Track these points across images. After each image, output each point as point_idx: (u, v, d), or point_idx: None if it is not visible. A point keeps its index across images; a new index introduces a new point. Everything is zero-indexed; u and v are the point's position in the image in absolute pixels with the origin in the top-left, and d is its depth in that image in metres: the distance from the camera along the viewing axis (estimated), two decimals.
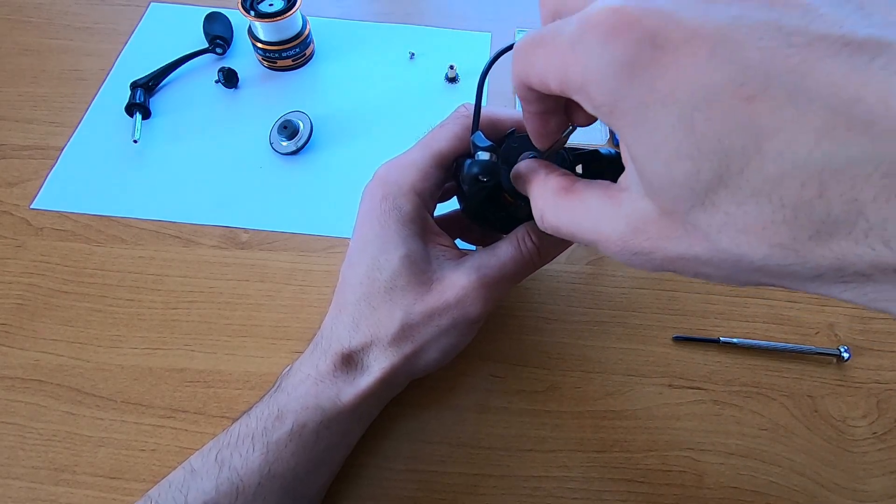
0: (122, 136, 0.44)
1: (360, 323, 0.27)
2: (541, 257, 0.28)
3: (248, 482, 0.25)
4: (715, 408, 0.34)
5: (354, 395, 0.27)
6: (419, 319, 0.27)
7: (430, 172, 0.28)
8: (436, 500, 0.31)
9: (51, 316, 0.36)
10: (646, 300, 0.38)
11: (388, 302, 0.27)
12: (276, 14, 0.44)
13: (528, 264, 0.28)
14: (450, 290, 0.27)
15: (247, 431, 0.26)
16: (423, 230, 0.28)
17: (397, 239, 0.27)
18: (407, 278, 0.27)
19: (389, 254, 0.27)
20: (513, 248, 0.28)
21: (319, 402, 0.27)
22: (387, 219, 0.27)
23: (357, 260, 0.28)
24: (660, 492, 0.32)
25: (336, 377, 0.27)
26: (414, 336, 0.27)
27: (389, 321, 0.27)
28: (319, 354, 0.28)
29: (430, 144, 0.28)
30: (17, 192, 0.41)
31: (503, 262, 0.28)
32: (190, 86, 0.47)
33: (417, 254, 0.27)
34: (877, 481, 0.32)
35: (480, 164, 0.24)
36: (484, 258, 0.28)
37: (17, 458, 0.31)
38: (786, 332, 0.37)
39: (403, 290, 0.27)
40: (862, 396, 0.35)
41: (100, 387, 0.34)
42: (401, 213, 0.27)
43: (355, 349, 0.27)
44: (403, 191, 0.27)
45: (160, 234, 0.39)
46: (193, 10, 0.51)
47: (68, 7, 0.52)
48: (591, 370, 0.35)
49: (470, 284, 0.27)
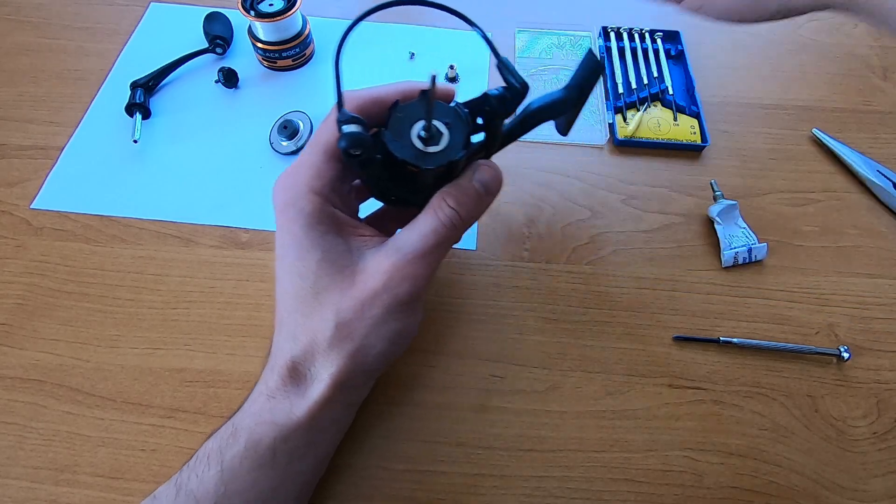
0: (122, 135, 0.44)
1: (297, 334, 0.27)
2: (462, 220, 0.27)
3: (204, 503, 0.25)
4: (715, 408, 0.34)
5: (308, 406, 0.26)
6: (351, 315, 0.26)
7: (323, 168, 0.27)
8: (436, 500, 0.31)
9: (51, 316, 0.36)
10: (646, 300, 0.38)
11: (318, 306, 0.27)
12: (276, 14, 0.44)
13: (451, 230, 0.27)
14: (374, 277, 0.26)
15: (204, 452, 0.26)
16: (336, 226, 0.28)
17: (308, 243, 0.27)
18: (329, 278, 0.26)
19: (306, 260, 0.27)
20: (431, 217, 0.27)
21: (273, 417, 0.26)
22: (293, 226, 0.27)
23: (281, 274, 0.28)
24: (660, 492, 0.32)
25: (287, 391, 0.27)
26: (352, 333, 0.26)
27: (323, 325, 0.26)
28: (269, 371, 0.27)
29: (317, 141, 0.28)
30: (17, 192, 0.41)
31: (424, 234, 0.27)
32: (190, 86, 0.47)
33: (335, 251, 0.27)
34: (877, 481, 0.32)
35: (346, 138, 0.24)
36: (404, 236, 0.27)
37: (17, 458, 0.31)
38: (786, 332, 0.37)
39: (329, 291, 0.26)
40: (862, 396, 0.35)
41: (100, 387, 0.34)
42: (304, 216, 0.27)
43: (299, 361, 0.27)
44: (302, 194, 0.27)
45: (160, 234, 0.39)
46: (193, 10, 0.51)
47: (68, 7, 0.52)
48: (591, 370, 0.35)
49: (393, 266, 0.26)
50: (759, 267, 0.40)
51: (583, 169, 0.44)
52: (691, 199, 0.43)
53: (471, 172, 0.28)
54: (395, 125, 0.26)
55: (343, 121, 0.24)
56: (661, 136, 0.45)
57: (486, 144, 0.29)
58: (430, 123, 0.26)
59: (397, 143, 0.26)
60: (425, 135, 0.26)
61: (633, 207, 0.42)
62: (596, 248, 0.40)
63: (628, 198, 0.43)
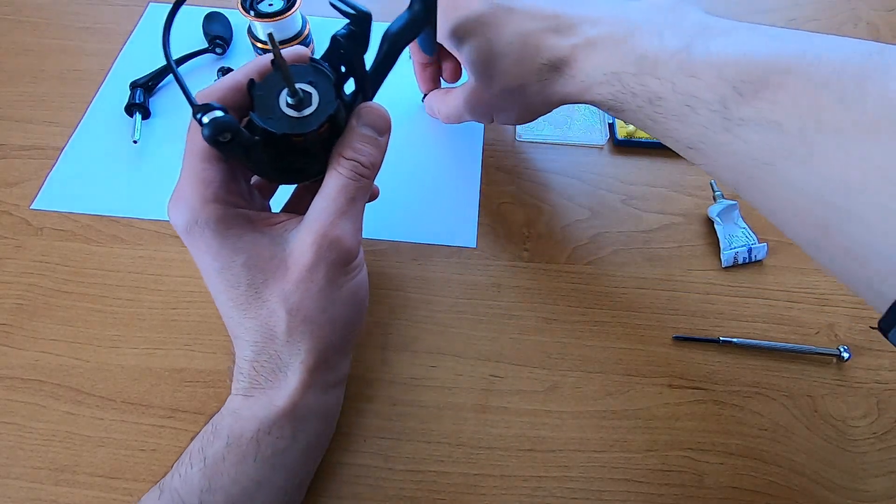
0: (122, 136, 0.44)
1: (252, 337, 0.27)
2: (365, 167, 0.28)
3: (189, 501, 0.25)
4: (715, 408, 0.34)
5: (288, 394, 0.26)
6: (298, 298, 0.26)
7: (208, 175, 0.27)
8: (436, 500, 0.31)
9: (51, 316, 0.36)
10: (646, 300, 0.38)
11: (264, 304, 0.26)
12: (275, 14, 0.44)
13: (358, 180, 0.27)
14: (304, 254, 0.26)
15: (187, 453, 0.26)
16: (248, 225, 0.27)
17: (228, 252, 0.26)
18: (263, 275, 0.26)
19: (232, 268, 0.26)
20: (333, 178, 0.27)
21: (253, 411, 0.26)
22: (206, 242, 0.26)
23: (214, 290, 0.28)
24: (660, 492, 0.32)
25: (263, 388, 0.27)
26: (306, 315, 0.26)
27: (276, 318, 0.26)
28: (238, 377, 0.27)
29: (190, 150, 0.27)
30: (17, 192, 0.41)
31: (333, 196, 0.27)
32: (190, 85, 0.47)
33: (257, 249, 0.27)
34: (877, 481, 0.32)
35: (208, 126, 0.23)
36: (316, 205, 0.27)
37: (17, 458, 0.31)
38: (786, 332, 0.37)
39: (266, 285, 0.26)
40: (862, 396, 0.35)
41: (100, 387, 0.34)
42: (212, 228, 0.26)
43: (264, 359, 0.27)
44: (198, 208, 0.26)
45: (160, 234, 0.39)
46: (193, 10, 0.51)
47: (68, 7, 0.52)
48: (591, 370, 0.35)
49: (317, 236, 0.26)
50: (759, 267, 0.40)
51: (583, 169, 0.44)
52: (691, 199, 0.43)
53: (355, 119, 0.28)
54: (260, 103, 0.26)
55: (198, 111, 0.24)
56: None
57: (359, 88, 0.28)
58: (293, 87, 0.25)
59: (270, 119, 0.25)
60: (293, 101, 0.26)
61: (633, 207, 0.42)
62: (596, 248, 0.40)
63: (628, 198, 0.43)
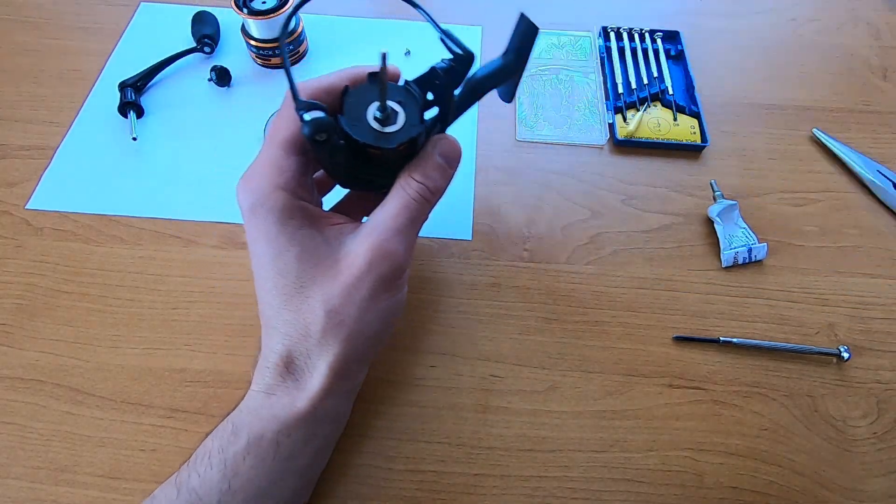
0: (116, 135, 0.44)
1: (288, 330, 0.27)
2: (431, 192, 0.28)
3: (208, 501, 0.25)
4: (715, 408, 0.34)
5: (309, 398, 0.26)
6: (340, 301, 0.27)
7: (284, 164, 0.27)
8: (436, 500, 0.31)
9: (51, 316, 0.36)
10: (646, 300, 0.38)
11: (306, 300, 0.27)
12: (268, 11, 0.45)
13: (421, 203, 0.28)
14: (356, 261, 0.27)
15: (204, 451, 0.26)
16: (308, 219, 0.28)
17: (284, 240, 0.27)
18: (312, 271, 0.27)
19: (284, 257, 0.27)
20: (400, 195, 0.28)
21: (274, 412, 0.26)
22: (266, 226, 0.27)
23: (261, 274, 0.28)
24: (660, 492, 0.32)
25: (286, 386, 0.27)
26: (343, 320, 0.27)
27: (314, 317, 0.27)
28: (263, 371, 0.27)
29: (274, 136, 0.28)
30: (17, 192, 0.41)
31: (395, 212, 0.27)
32: (182, 85, 0.47)
33: (312, 244, 0.27)
34: (877, 481, 0.32)
35: (310, 125, 0.24)
36: (378, 217, 0.28)
37: (17, 458, 0.31)
38: (786, 332, 0.37)
39: (314, 283, 0.27)
40: (862, 396, 0.35)
41: (100, 387, 0.34)
42: (275, 214, 0.27)
43: (294, 355, 0.27)
44: (267, 193, 0.27)
45: (160, 234, 0.39)
46: (182, 9, 0.51)
47: (68, 7, 0.52)
48: (591, 370, 0.35)
49: (372, 247, 0.27)
50: (759, 267, 0.40)
51: (583, 169, 0.44)
52: (691, 199, 0.43)
53: (431, 147, 0.28)
54: (349, 110, 0.26)
55: (303, 108, 0.24)
56: (660, 136, 0.45)
57: (440, 118, 0.29)
58: (384, 104, 0.26)
59: (356, 126, 0.26)
60: (381, 115, 0.26)
61: (633, 207, 0.42)
62: (596, 248, 0.40)
63: (628, 198, 0.43)
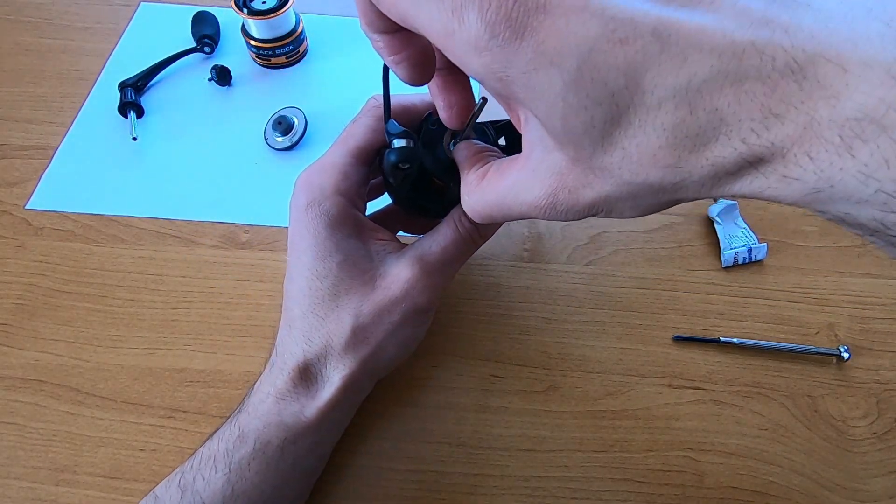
0: (116, 134, 0.44)
1: (311, 336, 0.27)
2: (481, 235, 0.28)
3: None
4: (715, 408, 0.34)
5: (318, 408, 0.26)
6: (370, 320, 0.26)
7: (350, 171, 0.27)
8: (436, 500, 0.31)
9: (51, 316, 0.36)
10: (646, 300, 0.38)
11: (336, 309, 0.26)
12: (268, 11, 0.45)
13: (469, 244, 0.28)
14: (395, 284, 0.27)
15: (209, 454, 0.26)
16: (357, 230, 0.28)
17: (330, 245, 0.26)
18: (349, 282, 0.26)
19: (326, 261, 0.26)
20: (451, 230, 0.27)
21: (282, 418, 0.26)
22: (316, 226, 0.26)
23: (296, 273, 0.27)
24: (660, 492, 0.32)
25: (297, 393, 0.27)
26: (367, 338, 0.27)
27: (340, 328, 0.26)
28: (276, 372, 0.27)
29: (347, 142, 0.28)
30: (18, 192, 0.41)
31: (444, 246, 0.27)
32: (182, 85, 0.47)
33: (355, 255, 0.27)
34: (877, 481, 0.32)
35: (398, 152, 0.24)
36: (425, 245, 0.27)
37: (17, 458, 0.31)
38: (786, 332, 0.37)
39: (348, 294, 0.26)
40: (862, 396, 0.35)
41: (100, 387, 0.34)
42: (328, 217, 0.26)
43: (311, 362, 0.27)
44: (327, 194, 0.27)
45: (160, 234, 0.39)
46: (182, 9, 0.51)
47: (68, 7, 0.52)
48: (591, 370, 0.35)
49: (414, 275, 0.27)
50: (759, 267, 0.40)
51: None
52: None
53: None
54: (426, 136, 0.27)
55: (395, 134, 0.25)
56: None
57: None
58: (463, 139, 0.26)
59: (429, 156, 0.26)
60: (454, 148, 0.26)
61: None
62: (596, 248, 0.40)
63: None
